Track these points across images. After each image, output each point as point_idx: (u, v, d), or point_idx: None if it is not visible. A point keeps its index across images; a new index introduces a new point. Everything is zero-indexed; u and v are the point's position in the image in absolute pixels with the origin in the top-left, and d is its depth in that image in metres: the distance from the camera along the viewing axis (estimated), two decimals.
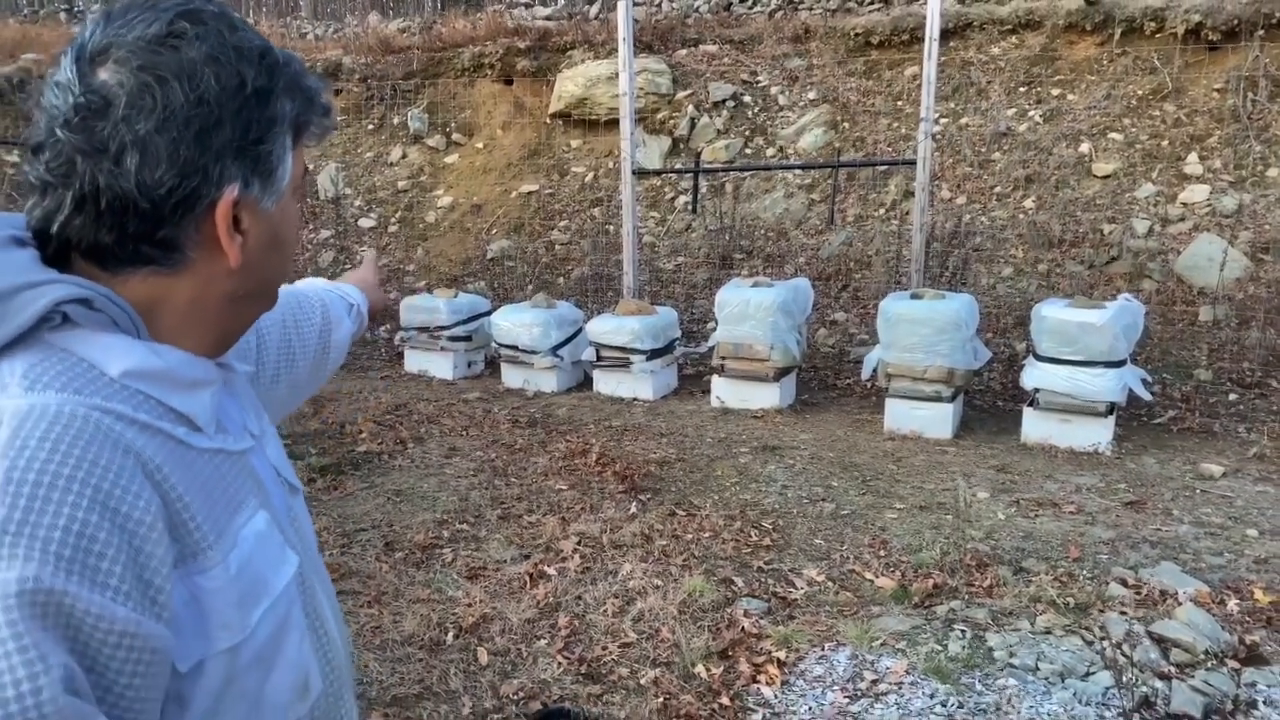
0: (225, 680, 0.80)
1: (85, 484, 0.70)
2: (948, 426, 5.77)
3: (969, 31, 10.38)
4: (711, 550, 4.04)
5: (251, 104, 0.82)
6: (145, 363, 0.81)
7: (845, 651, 3.21)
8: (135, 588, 0.71)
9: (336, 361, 1.43)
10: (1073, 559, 3.91)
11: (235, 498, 0.86)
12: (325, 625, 0.96)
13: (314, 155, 11.86)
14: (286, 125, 0.86)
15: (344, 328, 1.43)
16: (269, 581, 0.86)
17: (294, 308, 1.33)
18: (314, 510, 4.52)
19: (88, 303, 0.78)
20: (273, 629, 0.85)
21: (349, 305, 1.47)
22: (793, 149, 10.08)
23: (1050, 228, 8.31)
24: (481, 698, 2.97)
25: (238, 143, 0.81)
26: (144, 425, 0.78)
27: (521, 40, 11.78)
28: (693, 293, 8.70)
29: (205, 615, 0.78)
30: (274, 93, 0.84)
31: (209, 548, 0.79)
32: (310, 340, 1.34)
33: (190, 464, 0.81)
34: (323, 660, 0.94)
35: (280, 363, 1.26)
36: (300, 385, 1.34)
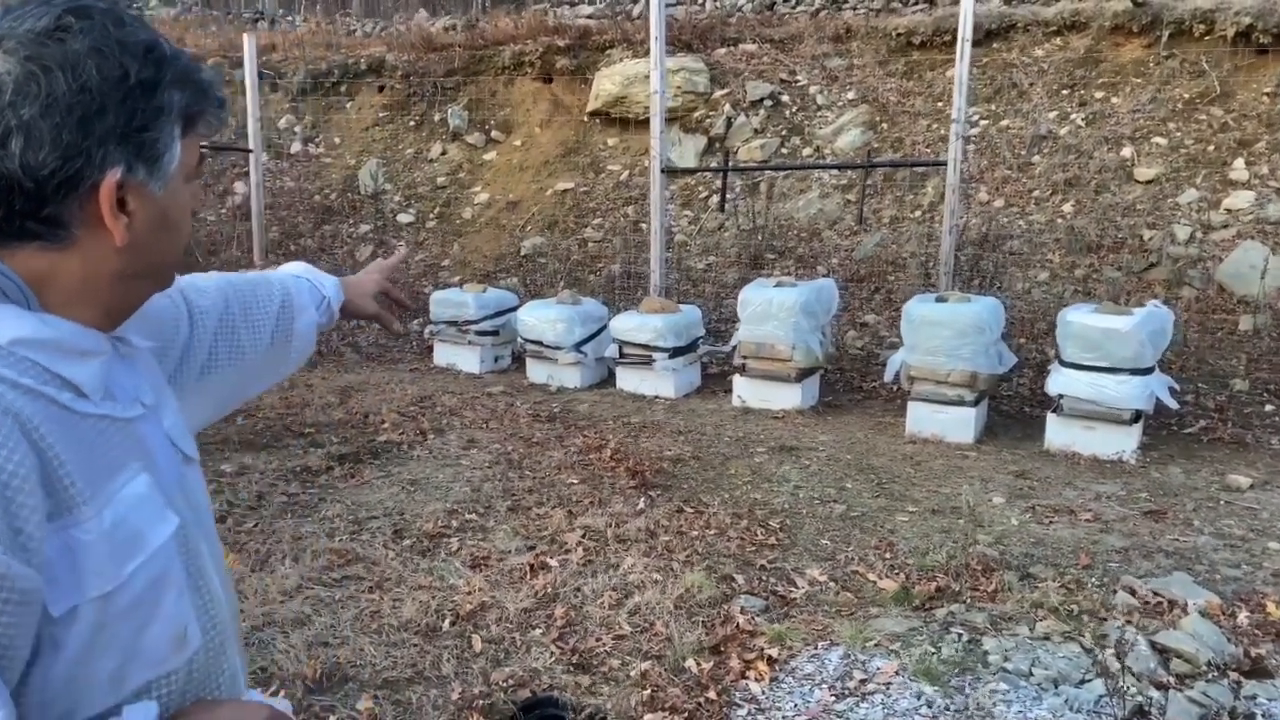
0: (97, 627, 0.84)
1: None
2: (969, 431, 5.70)
3: (1012, 33, 10.24)
4: (715, 547, 4.04)
5: (135, 94, 0.87)
6: (34, 332, 0.86)
7: (838, 651, 3.19)
8: (5, 533, 0.76)
9: (302, 350, 1.46)
10: (1082, 566, 3.84)
11: (117, 460, 0.90)
12: (209, 584, 1.01)
13: (356, 150, 12.06)
14: (175, 115, 0.91)
15: (308, 316, 1.45)
16: (146, 537, 0.90)
17: (246, 294, 1.37)
18: (329, 497, 4.61)
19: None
20: (148, 582, 0.89)
21: (320, 297, 1.49)
22: (830, 149, 10.02)
23: (1088, 233, 8.16)
24: (471, 684, 3.01)
25: (121, 129, 0.87)
26: (27, 389, 0.83)
27: (561, 39, 11.85)
28: (722, 292, 8.69)
29: (79, 564, 0.83)
30: (160, 84, 0.89)
31: (84, 503, 0.84)
32: (263, 326, 1.37)
33: (72, 427, 0.87)
34: (204, 616, 0.98)
35: (218, 347, 1.30)
36: (255, 371, 1.38)
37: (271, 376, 1.45)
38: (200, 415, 1.32)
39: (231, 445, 5.38)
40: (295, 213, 11.48)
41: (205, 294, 1.32)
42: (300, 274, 1.50)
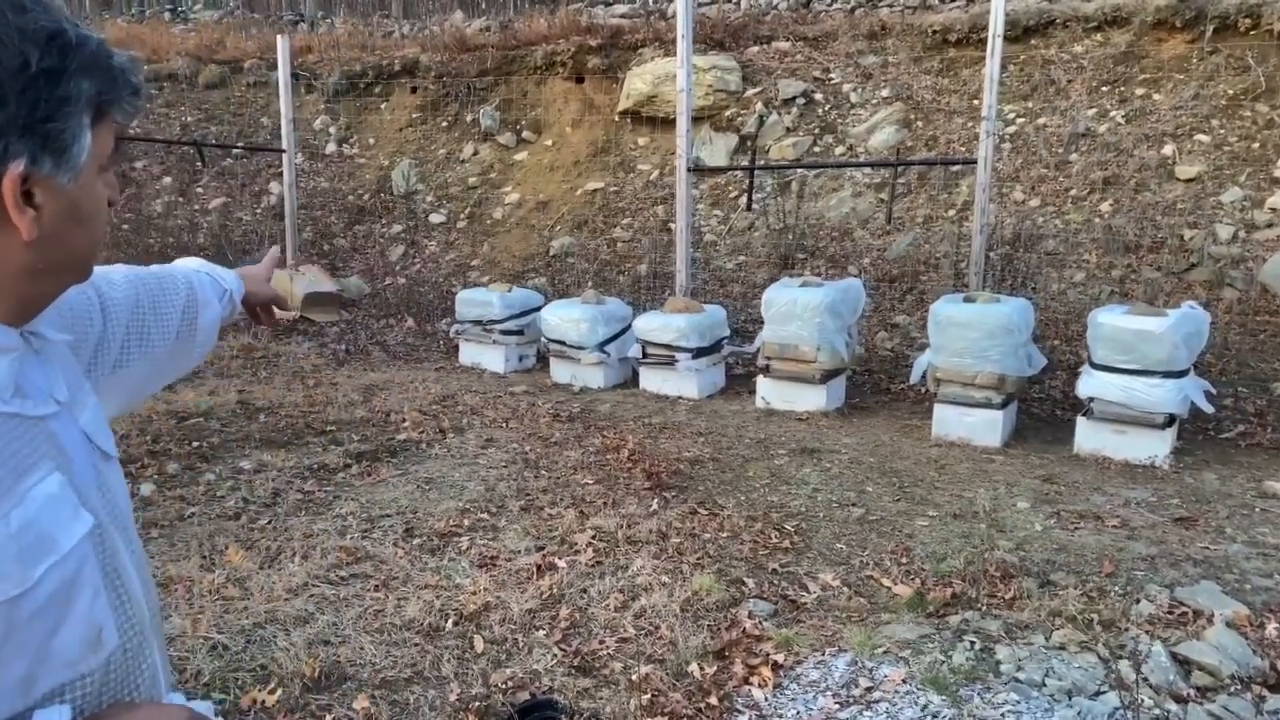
0: (5, 631, 0.82)
1: None
2: (997, 434, 5.58)
3: (1051, 29, 10.03)
4: (727, 550, 3.98)
5: (38, 83, 0.83)
6: None
7: (845, 658, 3.12)
8: None
9: (205, 344, 1.47)
10: (1105, 574, 3.72)
11: (27, 459, 0.87)
12: (127, 585, 0.98)
13: (389, 151, 12.14)
14: (83, 104, 0.88)
15: (211, 310, 1.46)
16: (56, 540, 0.87)
17: (154, 287, 1.37)
18: (345, 495, 4.62)
19: None
20: (58, 584, 0.86)
21: (222, 290, 1.50)
22: (863, 147, 9.89)
23: (1127, 232, 7.96)
24: (470, 684, 2.98)
25: (24, 120, 0.83)
26: None
27: (593, 38, 11.84)
28: (751, 292, 8.60)
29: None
30: (65, 72, 0.85)
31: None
32: (171, 319, 1.37)
33: None
34: (120, 617, 0.96)
35: (130, 341, 1.29)
36: (162, 365, 1.38)
37: (175, 371, 1.45)
38: (110, 409, 1.29)
39: (252, 442, 5.42)
40: (328, 213, 11.59)
41: (116, 286, 1.31)
42: (199, 269, 1.51)
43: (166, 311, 1.37)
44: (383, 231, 11.24)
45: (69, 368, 1.06)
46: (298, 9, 22.43)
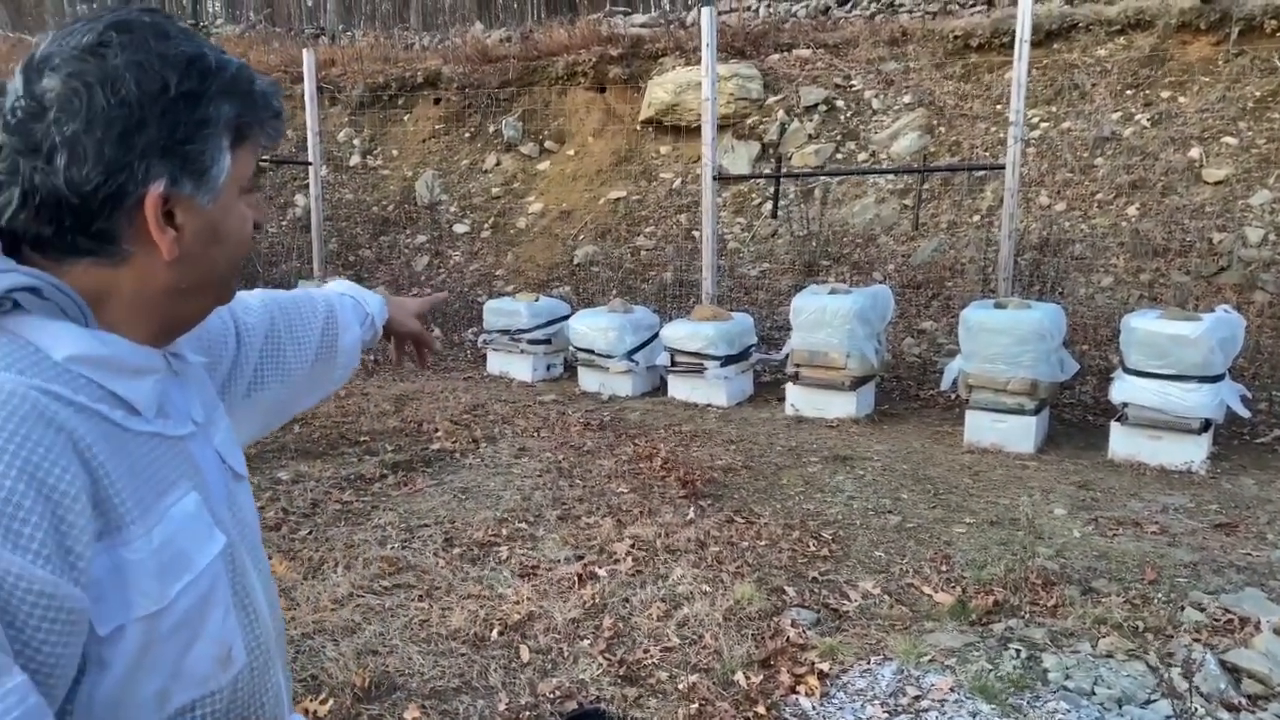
0: (143, 646, 0.84)
1: (16, 455, 0.75)
2: (1030, 440, 5.56)
3: (1074, 33, 10.01)
4: (766, 559, 3.99)
5: (177, 106, 0.86)
6: (89, 349, 0.86)
7: (891, 666, 3.12)
8: (55, 552, 0.76)
9: (346, 367, 1.47)
10: (1148, 581, 3.71)
11: (166, 479, 0.90)
12: (255, 604, 1.00)
13: (413, 162, 12.23)
14: (222, 127, 0.90)
15: (351, 333, 1.46)
16: (192, 558, 0.89)
17: (291, 311, 1.38)
18: (382, 505, 4.65)
19: (37, 291, 0.84)
20: (194, 602, 0.89)
21: (364, 313, 1.50)
22: (886, 154, 9.89)
23: (1154, 236, 7.92)
24: (519, 694, 3.00)
25: (163, 142, 0.86)
26: (81, 407, 0.83)
27: (615, 48, 11.89)
28: (775, 299, 8.61)
29: (126, 584, 0.82)
30: (204, 96, 0.88)
31: (132, 522, 0.83)
32: (308, 343, 1.38)
33: (123, 445, 0.86)
34: (248, 635, 0.98)
35: (264, 365, 1.30)
36: (300, 387, 1.38)
37: (316, 393, 1.45)
38: (246, 432, 1.32)
39: (288, 453, 5.47)
40: (354, 224, 11.67)
41: (251, 311, 1.32)
42: (345, 291, 1.51)
43: (303, 335, 1.37)
44: (407, 242, 11.32)
45: (205, 389, 1.08)
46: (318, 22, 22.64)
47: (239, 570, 0.98)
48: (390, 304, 1.57)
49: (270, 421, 1.38)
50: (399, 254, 11.17)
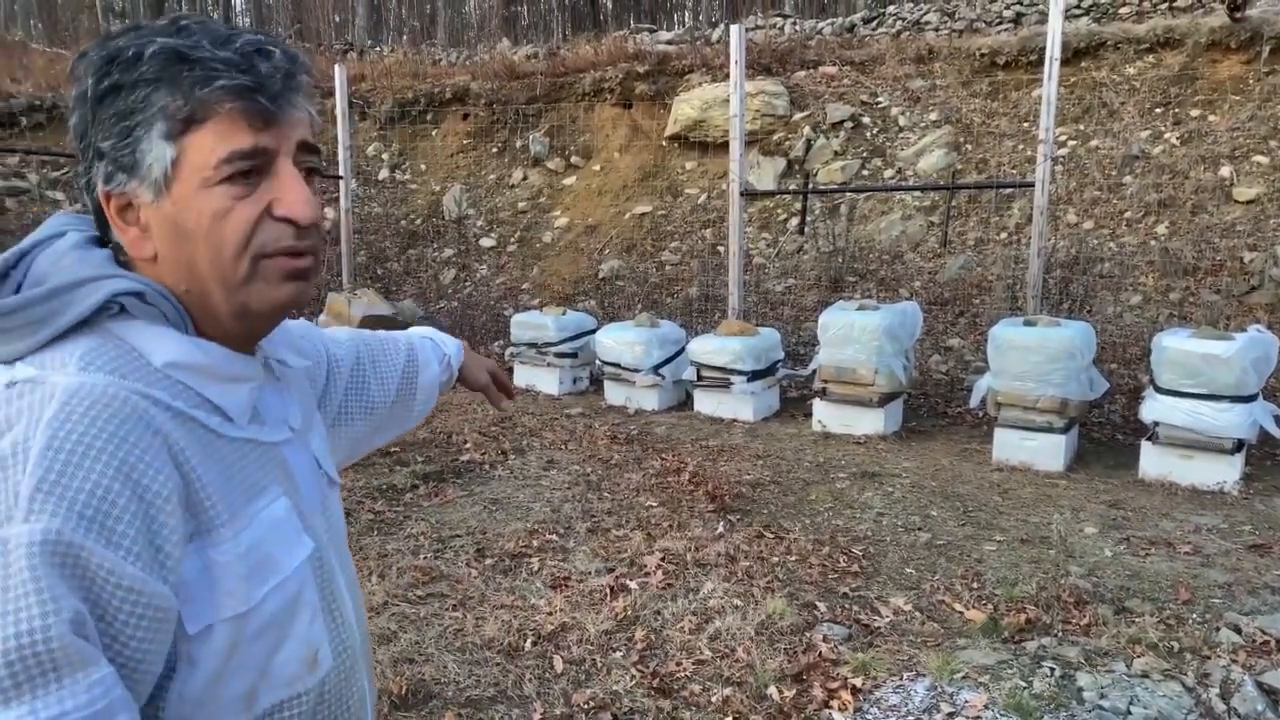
0: (231, 646, 0.87)
1: (114, 455, 0.79)
2: (1059, 459, 5.54)
3: (1102, 51, 10.00)
4: (796, 574, 3.99)
5: (101, 105, 0.87)
6: (187, 356, 0.89)
7: (924, 682, 3.12)
8: (145, 550, 0.79)
9: (425, 404, 1.49)
10: (1182, 601, 3.69)
11: (257, 483, 0.93)
12: (341, 608, 1.02)
13: (440, 177, 12.34)
14: (152, 117, 0.86)
15: (431, 371, 1.48)
16: (280, 561, 0.92)
17: (375, 348, 1.41)
18: (414, 515, 4.69)
19: (141, 296, 0.88)
20: (281, 604, 0.91)
21: (442, 355, 1.52)
22: (912, 171, 9.90)
23: (1184, 255, 7.89)
24: (553, 704, 3.02)
25: (98, 141, 0.88)
26: (177, 412, 0.87)
27: (641, 65, 11.98)
28: (801, 315, 8.63)
29: (215, 585, 0.85)
30: (122, 89, 0.86)
31: (221, 525, 0.86)
32: (390, 379, 1.40)
33: (216, 450, 0.89)
34: (335, 639, 1.00)
35: (349, 399, 1.33)
36: (382, 423, 1.41)
37: (394, 429, 1.46)
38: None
39: None
40: (382, 237, 11.79)
41: (340, 345, 1.35)
42: (425, 334, 1.54)
43: (386, 372, 1.39)
44: (435, 255, 11.42)
45: (305, 394, 1.11)
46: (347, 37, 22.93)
47: (327, 574, 1.00)
48: (465, 352, 1.60)
49: (350, 455, 1.40)
50: (426, 267, 11.27)
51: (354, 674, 1.04)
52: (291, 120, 0.90)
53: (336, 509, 1.09)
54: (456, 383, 1.59)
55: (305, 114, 0.92)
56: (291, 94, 0.89)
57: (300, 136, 0.91)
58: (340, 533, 1.08)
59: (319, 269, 0.95)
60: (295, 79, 0.90)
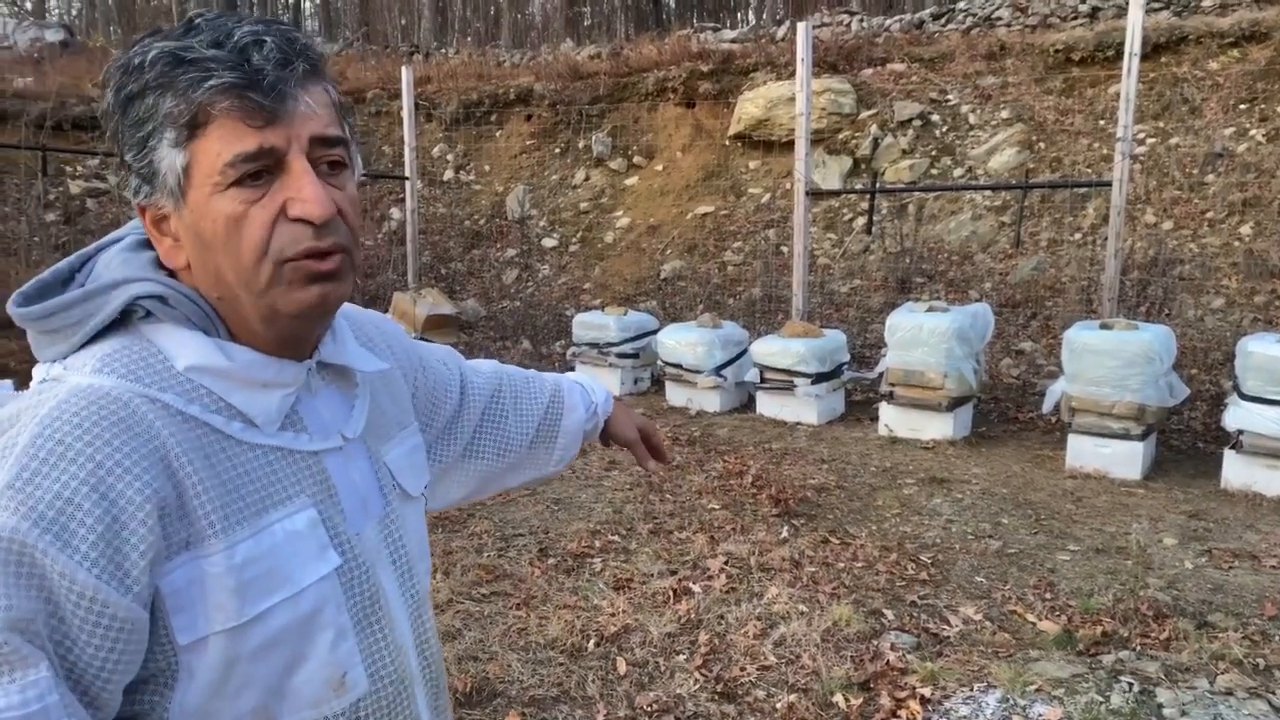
0: (227, 661, 0.84)
1: (90, 459, 0.78)
2: (1136, 467, 5.36)
3: (1183, 46, 9.68)
4: (863, 581, 3.92)
5: (118, 114, 0.86)
6: (210, 360, 0.87)
7: (995, 694, 3.04)
8: (104, 557, 0.77)
9: (567, 449, 1.43)
10: (1269, 617, 3.54)
11: (277, 494, 0.88)
12: (388, 630, 0.97)
13: (504, 177, 12.44)
14: (161, 123, 0.83)
15: (576, 415, 1.42)
16: (290, 577, 0.87)
17: (520, 383, 1.39)
18: (478, 514, 4.72)
19: (164, 299, 0.87)
20: (290, 621, 0.87)
21: (590, 402, 1.46)
22: (983, 169, 9.69)
23: (1270, 256, 7.59)
24: (616, 706, 3.01)
25: (125, 154, 0.87)
26: (188, 417, 0.85)
27: (705, 64, 11.93)
28: (867, 317, 8.50)
29: (205, 596, 0.82)
30: (133, 98, 0.84)
31: (213, 536, 0.83)
32: (530, 416, 1.36)
33: (229, 458, 0.86)
34: (374, 662, 0.95)
35: (484, 429, 1.31)
36: (519, 462, 1.37)
37: (530, 472, 1.41)
38: (456, 494, 1.32)
39: None
40: (446, 237, 11.93)
41: (480, 374, 1.33)
42: (574, 380, 1.50)
43: (527, 408, 1.36)
44: (498, 256, 11.51)
45: (398, 402, 1.08)
46: (413, 39, 23.27)
47: (367, 594, 0.94)
48: (616, 404, 1.53)
49: (480, 490, 1.35)
50: (489, 267, 11.37)
51: (403, 701, 0.98)
52: (297, 114, 0.84)
53: (411, 525, 1.04)
54: (602, 435, 1.51)
55: (314, 105, 0.86)
56: (291, 85, 0.83)
57: (312, 130, 0.85)
58: (409, 551, 1.03)
59: (350, 267, 0.90)
60: (292, 68, 0.84)
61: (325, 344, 0.98)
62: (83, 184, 11.84)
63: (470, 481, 1.32)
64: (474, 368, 1.34)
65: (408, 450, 1.08)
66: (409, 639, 1.00)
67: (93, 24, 30.13)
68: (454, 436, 1.27)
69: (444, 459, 1.27)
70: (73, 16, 31.70)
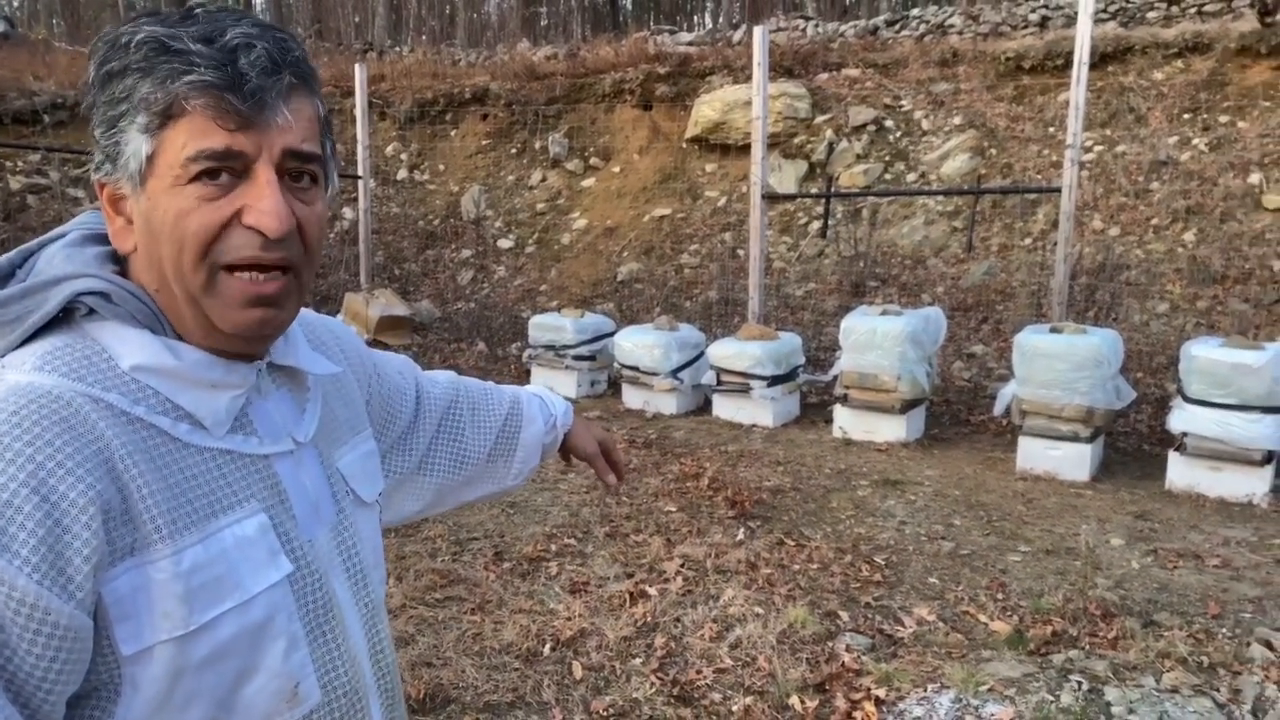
0: (175, 672, 0.80)
1: (31, 459, 0.74)
2: (1085, 468, 5.46)
3: (1129, 56, 9.90)
4: (818, 582, 3.94)
5: (96, 90, 0.84)
6: (156, 360, 0.84)
7: (949, 695, 3.06)
8: (44, 562, 0.73)
9: (525, 463, 1.40)
10: (1212, 615, 3.62)
11: (226, 498, 0.85)
12: (340, 640, 0.94)
13: (459, 177, 12.34)
14: (136, 106, 0.82)
15: (535, 427, 1.40)
16: (240, 584, 0.84)
17: (477, 395, 1.36)
18: (432, 518, 4.64)
19: (106, 296, 0.84)
20: (240, 630, 0.84)
21: (549, 414, 1.43)
22: (935, 175, 9.82)
23: (1212, 263, 7.78)
24: (572, 711, 2.98)
25: (94, 128, 0.85)
26: (133, 418, 0.81)
27: (662, 66, 11.95)
28: (822, 320, 8.57)
29: (151, 604, 0.79)
30: (113, 76, 0.83)
31: (159, 540, 0.80)
32: (488, 428, 1.34)
33: (175, 460, 0.83)
34: (329, 673, 0.92)
35: (439, 442, 1.28)
36: (473, 474, 1.34)
37: (490, 485, 1.38)
38: (410, 507, 1.29)
39: None
40: (400, 238, 11.80)
41: (437, 384, 1.31)
42: (533, 392, 1.47)
43: (485, 420, 1.33)
44: (453, 256, 11.42)
45: (351, 407, 1.06)
46: (366, 37, 23.02)
47: (319, 602, 0.91)
48: (576, 417, 1.49)
49: (437, 503, 1.32)
50: (444, 268, 11.27)
51: (356, 713, 0.95)
52: (273, 124, 0.82)
53: (365, 532, 1.01)
54: (560, 449, 1.47)
55: (294, 117, 0.84)
56: (273, 94, 0.82)
57: (286, 143, 0.83)
58: (363, 559, 1.00)
59: (295, 290, 0.87)
60: (277, 77, 0.82)
61: (277, 345, 0.95)
62: (23, 180, 11.51)
63: (426, 494, 1.29)
64: (430, 378, 1.31)
65: (361, 456, 1.05)
66: (363, 648, 0.97)
67: (34, 16, 29.38)
68: (409, 448, 1.24)
69: (399, 471, 1.24)
70: (14, 8, 30.86)
